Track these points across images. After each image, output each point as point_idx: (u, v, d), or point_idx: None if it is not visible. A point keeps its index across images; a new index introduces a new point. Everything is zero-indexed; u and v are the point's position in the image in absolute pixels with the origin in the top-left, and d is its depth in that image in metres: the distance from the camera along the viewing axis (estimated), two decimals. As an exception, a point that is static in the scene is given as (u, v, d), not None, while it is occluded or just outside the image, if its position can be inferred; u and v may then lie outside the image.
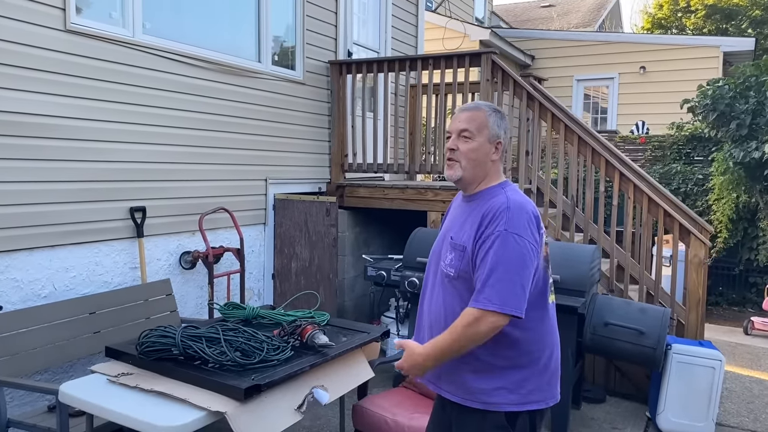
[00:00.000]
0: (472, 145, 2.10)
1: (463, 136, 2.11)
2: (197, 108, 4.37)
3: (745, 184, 7.45)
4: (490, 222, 1.99)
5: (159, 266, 4.18)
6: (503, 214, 1.98)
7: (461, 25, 11.21)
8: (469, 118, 2.12)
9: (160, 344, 2.56)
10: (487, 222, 2.00)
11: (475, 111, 2.14)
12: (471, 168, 2.11)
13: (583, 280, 3.85)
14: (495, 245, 1.94)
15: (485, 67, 5.02)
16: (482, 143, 2.11)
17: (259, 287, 5.12)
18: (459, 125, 2.12)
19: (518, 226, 1.96)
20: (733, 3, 17.10)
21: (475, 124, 2.11)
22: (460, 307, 2.03)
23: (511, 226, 1.95)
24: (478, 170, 2.12)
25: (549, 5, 22.04)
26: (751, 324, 6.97)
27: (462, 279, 2.05)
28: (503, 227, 1.95)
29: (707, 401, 3.96)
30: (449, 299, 2.09)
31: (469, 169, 2.11)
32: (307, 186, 5.59)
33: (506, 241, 1.94)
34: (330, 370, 2.75)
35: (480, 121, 2.11)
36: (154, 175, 4.09)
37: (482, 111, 2.14)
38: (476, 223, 2.04)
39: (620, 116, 12.65)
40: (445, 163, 2.16)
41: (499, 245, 1.94)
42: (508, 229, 1.95)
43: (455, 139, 2.13)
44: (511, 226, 1.95)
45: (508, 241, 1.94)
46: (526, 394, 2.04)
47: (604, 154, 4.85)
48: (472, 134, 2.10)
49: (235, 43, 4.82)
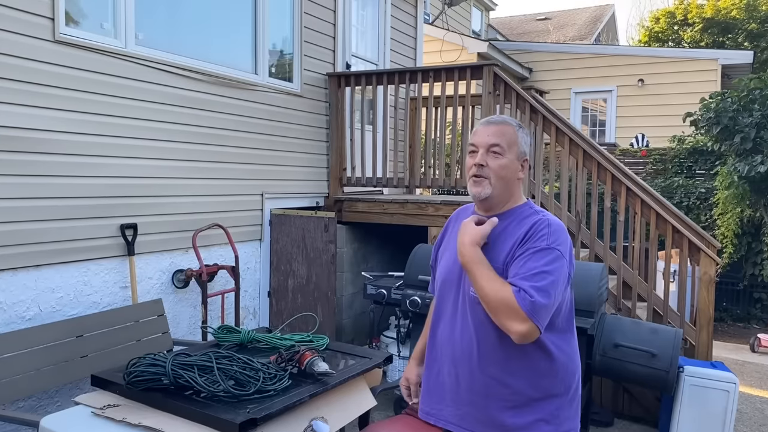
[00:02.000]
0: (503, 161, 1.96)
1: (493, 151, 1.96)
2: (191, 121, 4.24)
3: (750, 199, 7.34)
4: (531, 237, 1.88)
5: (150, 285, 4.01)
6: (545, 229, 1.88)
7: (459, 37, 11.15)
8: (499, 132, 1.98)
9: (149, 373, 2.39)
10: (528, 237, 1.89)
11: (504, 125, 2.00)
12: (500, 186, 1.97)
13: (592, 300, 3.71)
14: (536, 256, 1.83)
15: (487, 79, 4.91)
16: (512, 160, 1.98)
17: (254, 306, 4.96)
18: (489, 139, 1.97)
19: (560, 243, 1.87)
20: (730, 16, 17.14)
21: (505, 140, 1.97)
22: (495, 334, 1.88)
23: (553, 242, 1.85)
24: (506, 189, 1.99)
25: (545, 18, 22.12)
26: (757, 341, 6.83)
27: None
28: (545, 242, 1.85)
29: (721, 426, 3.81)
30: (482, 328, 1.92)
31: (499, 187, 1.97)
32: (305, 201, 5.45)
33: (548, 254, 1.83)
34: (330, 400, 2.59)
35: (510, 136, 1.98)
36: (145, 190, 3.94)
37: (511, 126, 2.00)
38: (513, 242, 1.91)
39: (619, 129, 12.59)
40: (470, 180, 2.01)
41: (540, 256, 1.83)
42: (551, 245, 1.85)
43: (484, 155, 1.97)
44: (552, 242, 1.85)
45: (549, 254, 1.83)
46: (560, 424, 1.92)
47: (610, 168, 4.73)
48: (503, 150, 1.96)
49: (231, 54, 4.69)
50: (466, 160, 2.06)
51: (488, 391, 1.90)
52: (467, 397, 1.95)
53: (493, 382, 1.89)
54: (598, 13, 22.00)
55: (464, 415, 1.96)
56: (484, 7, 16.84)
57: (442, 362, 2.04)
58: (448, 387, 2.01)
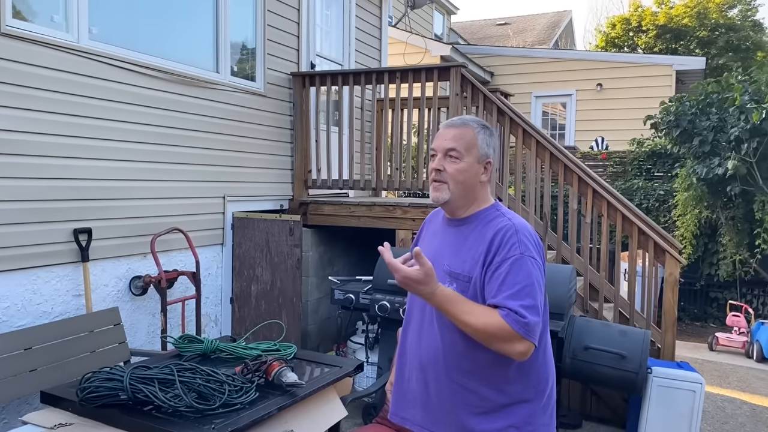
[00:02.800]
0: (460, 166, 1.91)
1: (450, 155, 1.91)
2: (149, 121, 4.05)
3: (708, 200, 7.51)
4: (501, 246, 1.80)
5: (106, 293, 3.81)
6: (513, 237, 1.81)
7: (422, 40, 11.14)
8: (457, 135, 1.92)
9: (105, 389, 2.23)
10: (496, 247, 1.81)
11: (463, 128, 1.93)
12: (460, 191, 1.92)
13: (562, 302, 3.69)
14: (513, 269, 1.76)
15: (454, 80, 4.86)
16: (471, 164, 1.92)
17: (216, 313, 4.79)
18: (445, 144, 1.92)
19: (531, 249, 1.81)
20: (682, 24, 17.67)
21: (463, 143, 1.91)
22: (464, 344, 1.82)
23: (525, 249, 1.79)
24: (467, 193, 1.93)
25: (505, 23, 22.38)
26: (715, 340, 6.99)
27: None
28: (518, 251, 1.78)
29: (688, 426, 3.84)
30: (450, 336, 1.86)
31: (458, 192, 1.92)
32: (269, 203, 5.30)
33: (524, 265, 1.77)
34: (299, 412, 2.47)
35: (468, 139, 1.92)
36: (101, 193, 3.74)
37: (470, 128, 1.94)
38: (481, 250, 1.84)
39: (578, 132, 12.77)
40: (431, 185, 1.96)
41: (517, 269, 1.76)
42: (524, 253, 1.78)
43: (441, 159, 1.92)
44: (525, 250, 1.79)
45: (526, 264, 1.77)
46: (532, 431, 1.86)
47: (577, 171, 4.74)
48: (461, 154, 1.91)
49: (192, 52, 4.52)
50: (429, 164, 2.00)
51: (456, 398, 1.87)
52: (436, 403, 1.91)
53: (461, 388, 1.86)
54: (556, 18, 22.38)
55: (435, 419, 1.93)
56: (446, 10, 16.93)
57: (411, 368, 2.01)
58: (417, 393, 1.98)
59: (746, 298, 8.18)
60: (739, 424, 4.69)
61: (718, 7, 17.87)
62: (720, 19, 17.61)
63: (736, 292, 8.20)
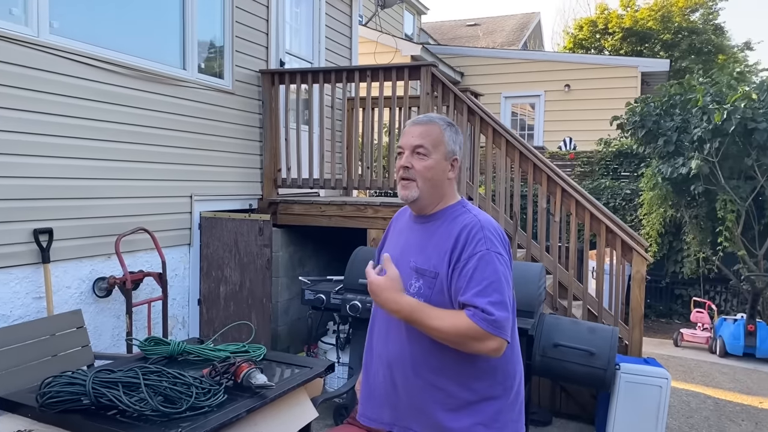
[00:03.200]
0: (428, 162, 1.90)
1: (418, 152, 1.90)
2: (114, 118, 3.95)
3: (672, 199, 7.66)
4: (467, 243, 1.80)
5: (69, 295, 3.70)
6: (479, 233, 1.81)
7: (393, 40, 11.14)
8: (424, 132, 1.91)
9: (66, 393, 2.15)
10: (463, 243, 1.81)
11: (429, 125, 1.93)
12: (428, 188, 1.91)
13: (532, 300, 3.71)
14: (480, 265, 1.76)
15: (425, 80, 4.86)
16: (439, 161, 1.91)
17: (183, 314, 4.69)
18: (412, 140, 1.91)
19: (497, 245, 1.81)
20: (647, 27, 18.03)
21: (430, 140, 1.90)
22: (430, 341, 1.81)
23: (491, 245, 1.79)
24: (435, 190, 1.93)
25: (475, 24, 22.55)
26: (680, 336, 7.13)
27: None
28: (484, 247, 1.78)
29: (655, 421, 3.90)
30: (414, 331, 1.85)
31: (426, 189, 1.91)
32: (237, 203, 5.22)
33: (491, 261, 1.77)
34: (269, 414, 2.43)
35: (435, 136, 1.91)
36: (62, 192, 3.63)
37: (437, 125, 1.93)
38: (447, 246, 1.83)
39: (546, 133, 12.92)
40: (399, 183, 1.95)
41: (484, 265, 1.76)
42: (490, 249, 1.78)
43: (409, 156, 1.91)
44: (492, 246, 1.79)
45: (492, 260, 1.77)
46: (501, 428, 1.86)
47: (546, 170, 4.78)
48: (428, 151, 1.90)
49: (158, 48, 4.42)
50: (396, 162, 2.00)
51: (423, 395, 1.86)
52: (404, 401, 1.91)
53: (427, 385, 1.86)
54: (525, 20, 22.63)
55: (403, 416, 1.92)
56: (416, 11, 16.97)
57: (378, 366, 2.00)
58: (384, 391, 1.97)
59: (709, 295, 8.39)
60: (703, 417, 4.80)
61: (681, 10, 18.30)
62: (683, 22, 18.03)
63: (700, 288, 8.40)
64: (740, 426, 4.65)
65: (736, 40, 25.15)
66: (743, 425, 4.67)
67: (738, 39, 30.65)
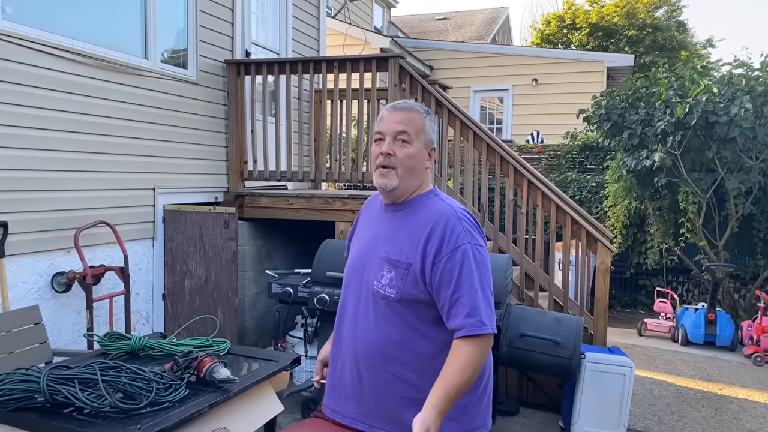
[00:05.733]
0: (410, 150, 1.85)
1: (401, 139, 1.84)
2: (73, 108, 3.83)
3: (636, 191, 7.80)
4: (446, 236, 1.76)
5: (25, 290, 3.59)
6: (457, 225, 1.78)
7: (362, 32, 11.07)
8: (406, 119, 1.85)
9: (19, 391, 2.08)
10: (441, 236, 1.77)
11: (411, 112, 1.87)
12: (407, 177, 1.86)
13: (499, 291, 3.73)
14: (465, 261, 1.75)
15: (393, 71, 4.83)
16: (420, 149, 1.87)
17: (147, 310, 4.60)
18: (395, 126, 1.84)
19: (475, 236, 1.80)
20: (613, 23, 18.32)
21: (413, 127, 1.85)
22: (401, 334, 1.78)
23: (471, 237, 1.78)
24: (413, 179, 1.88)
25: (444, 18, 22.59)
26: (644, 325, 7.28)
27: (407, 302, 1.79)
28: (465, 240, 1.76)
29: (619, 408, 3.96)
30: (387, 325, 1.82)
31: (406, 178, 1.86)
32: (202, 196, 5.12)
33: (474, 255, 1.76)
34: (233, 408, 2.39)
35: (418, 123, 1.86)
36: (17, 184, 3.50)
37: (418, 112, 1.88)
38: (420, 236, 1.80)
39: (515, 126, 13.03)
40: (376, 170, 1.87)
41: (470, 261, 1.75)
42: (471, 242, 1.77)
43: (391, 143, 1.84)
44: (471, 238, 1.78)
45: (475, 254, 1.76)
46: (468, 422, 1.85)
47: (513, 162, 4.81)
48: (411, 138, 1.85)
49: (118, 36, 4.30)
50: (372, 149, 1.93)
51: (390, 388, 1.83)
52: (369, 394, 1.87)
53: (395, 379, 1.83)
54: (494, 15, 22.76)
55: (367, 412, 1.89)
56: (385, 4, 16.90)
57: (345, 358, 1.95)
58: (350, 383, 1.93)
59: (672, 285, 8.57)
60: (665, 404, 4.90)
61: (645, 7, 18.63)
62: (647, 18, 18.37)
63: (663, 279, 8.58)
64: (701, 412, 4.77)
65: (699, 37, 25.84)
66: (704, 411, 4.79)
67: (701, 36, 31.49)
